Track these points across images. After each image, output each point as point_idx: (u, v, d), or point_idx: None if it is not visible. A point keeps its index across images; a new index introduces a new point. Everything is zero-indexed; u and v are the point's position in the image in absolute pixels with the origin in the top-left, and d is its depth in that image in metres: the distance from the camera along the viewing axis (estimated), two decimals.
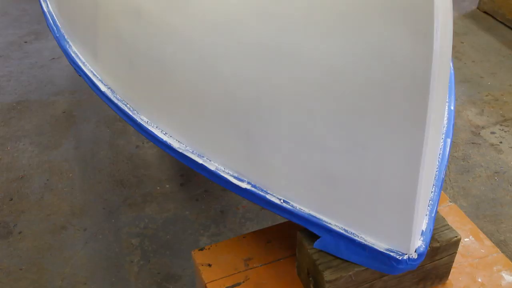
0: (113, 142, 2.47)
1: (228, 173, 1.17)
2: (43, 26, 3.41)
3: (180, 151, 1.23)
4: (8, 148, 2.42)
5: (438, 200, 1.10)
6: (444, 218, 1.16)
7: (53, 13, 1.87)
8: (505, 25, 3.38)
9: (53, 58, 3.11)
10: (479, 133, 2.49)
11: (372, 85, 0.88)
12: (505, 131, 2.49)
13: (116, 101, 1.40)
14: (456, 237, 1.12)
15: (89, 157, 2.38)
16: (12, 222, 2.04)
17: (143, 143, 2.44)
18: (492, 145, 2.41)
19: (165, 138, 1.27)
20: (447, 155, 1.21)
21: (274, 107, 1.00)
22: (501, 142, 2.43)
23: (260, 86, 1.00)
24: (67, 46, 1.68)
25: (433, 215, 1.06)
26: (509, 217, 2.05)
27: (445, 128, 1.27)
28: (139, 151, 2.41)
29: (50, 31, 1.87)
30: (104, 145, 2.45)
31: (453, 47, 3.15)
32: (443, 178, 1.16)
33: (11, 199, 2.14)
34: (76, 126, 2.57)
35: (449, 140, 1.24)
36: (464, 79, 2.90)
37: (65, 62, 2.97)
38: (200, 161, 1.20)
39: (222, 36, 1.04)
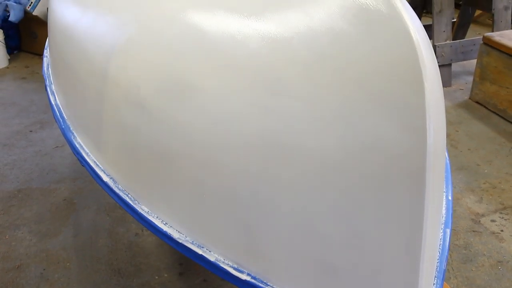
0: (113, 229, 2.45)
1: (228, 264, 1.16)
2: (49, 115, 3.51)
3: (180, 241, 1.24)
4: (7, 237, 2.40)
5: None
6: None
7: (60, 106, 1.94)
8: (497, 114, 3.49)
9: (57, 147, 3.17)
10: (479, 221, 2.48)
11: (370, 178, 0.91)
12: (505, 219, 2.49)
13: (117, 191, 1.42)
14: None
15: (87, 245, 2.35)
16: None
17: (142, 231, 2.43)
18: (493, 233, 2.40)
19: (165, 228, 1.27)
20: (447, 246, 1.21)
21: (273, 199, 1.02)
22: (502, 231, 2.41)
23: (259, 179, 1.02)
24: (72, 137, 1.73)
25: None
26: None
27: (444, 218, 1.27)
28: (138, 239, 2.39)
29: (56, 122, 1.92)
30: (104, 233, 2.43)
31: (448, 135, 3.23)
32: (444, 270, 1.15)
33: None
34: (76, 214, 2.57)
35: (448, 231, 1.24)
36: (461, 167, 2.94)
37: (68, 150, 3.02)
38: (199, 251, 1.20)
39: (223, 130, 1.08)
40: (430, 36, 3.90)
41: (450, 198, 1.36)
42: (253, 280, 1.12)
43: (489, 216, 2.52)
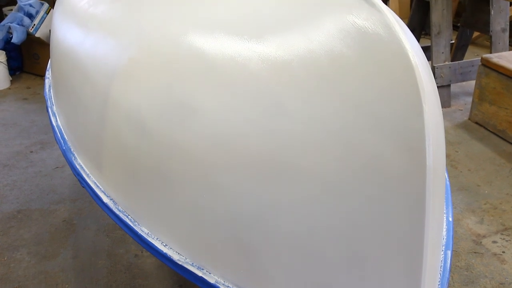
0: (112, 251, 2.44)
1: (228, 286, 1.15)
2: (50, 136, 3.52)
3: (180, 263, 1.23)
4: (5, 259, 2.38)
5: None
6: None
7: (61, 127, 1.95)
8: (497, 135, 3.49)
9: (57, 167, 3.18)
10: (481, 242, 2.47)
11: (370, 199, 0.91)
12: (506, 240, 2.47)
13: (117, 212, 1.42)
14: None
15: (86, 267, 2.33)
16: None
17: (142, 252, 2.41)
18: (494, 254, 2.38)
19: (165, 250, 1.27)
20: (448, 268, 1.20)
21: (274, 221, 1.02)
22: (503, 252, 2.40)
23: (260, 201, 1.02)
24: (73, 158, 1.73)
25: None
26: None
27: (444, 240, 1.27)
28: (138, 260, 2.37)
29: (57, 143, 1.93)
30: (103, 254, 2.42)
31: (449, 155, 3.23)
32: None
33: None
34: (76, 235, 2.56)
35: (449, 252, 1.24)
36: (461, 187, 2.93)
37: (68, 171, 3.02)
38: (199, 273, 1.19)
39: (223, 151, 1.08)
40: (429, 58, 3.93)
41: (450, 219, 1.36)
42: None
43: (490, 237, 2.50)
